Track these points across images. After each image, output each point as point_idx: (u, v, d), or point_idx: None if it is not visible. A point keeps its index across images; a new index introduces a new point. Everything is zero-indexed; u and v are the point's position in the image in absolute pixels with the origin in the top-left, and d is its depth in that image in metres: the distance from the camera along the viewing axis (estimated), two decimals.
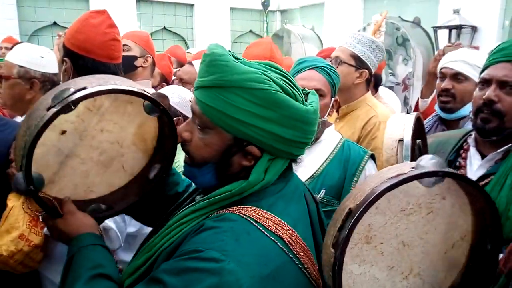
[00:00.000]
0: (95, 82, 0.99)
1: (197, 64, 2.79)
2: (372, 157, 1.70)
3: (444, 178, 0.85)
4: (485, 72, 1.38)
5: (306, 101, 0.96)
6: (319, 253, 0.97)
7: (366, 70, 2.21)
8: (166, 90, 2.14)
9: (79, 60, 1.56)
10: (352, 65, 2.19)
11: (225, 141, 0.91)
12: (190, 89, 2.28)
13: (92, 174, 1.10)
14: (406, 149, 1.23)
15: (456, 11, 4.92)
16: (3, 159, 1.48)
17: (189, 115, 2.06)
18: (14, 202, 1.43)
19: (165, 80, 3.04)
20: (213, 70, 0.88)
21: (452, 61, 2.09)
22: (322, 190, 1.60)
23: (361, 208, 0.79)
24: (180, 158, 2.01)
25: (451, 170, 0.85)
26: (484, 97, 1.34)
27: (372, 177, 0.91)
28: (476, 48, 2.52)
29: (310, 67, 1.67)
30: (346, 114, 2.27)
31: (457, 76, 2.06)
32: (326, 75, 1.66)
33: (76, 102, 0.93)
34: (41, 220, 1.09)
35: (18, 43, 3.13)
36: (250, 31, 9.26)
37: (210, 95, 0.89)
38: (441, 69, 2.14)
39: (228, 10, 8.73)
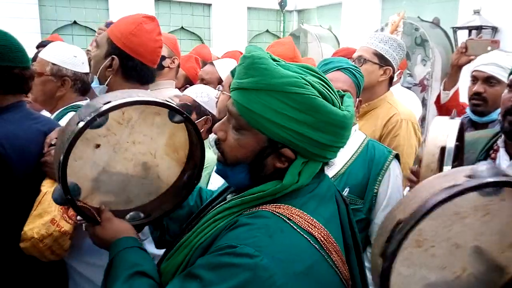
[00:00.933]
0: (119, 95, 1.04)
1: (218, 64, 2.81)
2: (397, 157, 1.70)
3: (503, 188, 0.83)
4: None
5: (341, 103, 0.97)
6: (348, 254, 0.98)
7: (390, 68, 2.23)
8: (195, 89, 2.18)
9: (129, 61, 1.62)
10: (376, 63, 2.22)
11: (260, 142, 0.93)
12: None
13: (130, 185, 1.16)
14: (449, 158, 1.22)
15: (477, 12, 4.87)
16: (39, 148, 1.55)
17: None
18: (48, 188, 1.49)
19: (189, 82, 3.06)
20: (252, 73, 0.90)
21: (484, 64, 2.08)
22: (345, 189, 1.61)
23: (413, 222, 0.78)
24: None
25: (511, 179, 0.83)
26: None
27: (423, 185, 0.88)
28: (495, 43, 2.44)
29: (336, 68, 1.68)
30: (366, 113, 2.29)
31: (489, 80, 2.05)
32: (352, 76, 1.67)
33: (101, 114, 0.98)
34: (84, 229, 1.15)
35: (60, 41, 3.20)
36: (267, 31, 9.28)
37: (248, 97, 0.90)
38: (473, 72, 2.14)
39: (245, 10, 8.76)
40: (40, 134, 1.58)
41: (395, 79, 2.74)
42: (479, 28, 4.78)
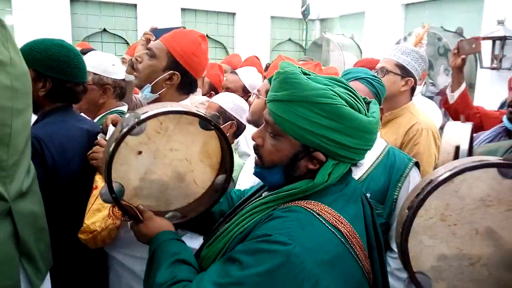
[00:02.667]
0: (155, 107, 1.18)
1: (241, 72, 2.94)
2: (416, 164, 1.76)
3: None
4: None
5: (367, 110, 1.07)
6: (371, 252, 1.07)
7: (412, 78, 2.30)
8: (221, 97, 2.32)
9: (186, 76, 1.75)
10: (397, 74, 2.29)
11: (294, 147, 1.04)
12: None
13: (170, 188, 1.28)
14: (463, 156, 1.30)
15: (501, 22, 4.85)
16: (82, 146, 1.67)
17: (242, 120, 2.24)
18: (102, 182, 1.59)
19: (214, 89, 3.19)
20: (286, 87, 1.01)
21: None
22: (367, 194, 1.67)
23: (440, 179, 0.88)
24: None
25: None
26: None
27: (458, 160, 0.99)
28: None
29: (354, 78, 1.76)
30: (389, 121, 2.35)
31: None
32: (369, 86, 1.74)
33: (140, 123, 1.12)
34: (129, 227, 1.27)
35: (90, 49, 3.37)
36: (289, 39, 9.38)
37: (282, 107, 1.02)
38: None
39: (269, 18, 8.89)
40: (83, 132, 1.70)
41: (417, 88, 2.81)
42: (503, 39, 4.76)
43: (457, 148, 1.28)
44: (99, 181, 1.61)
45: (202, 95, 2.84)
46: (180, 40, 1.76)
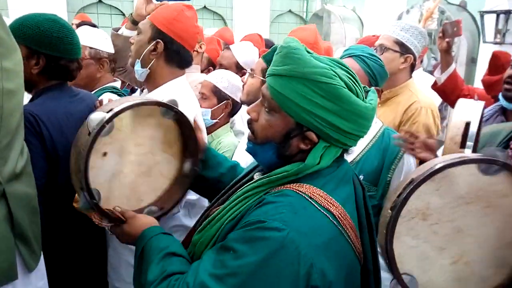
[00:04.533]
0: (117, 103, 1.15)
1: (234, 48, 2.87)
2: None
3: (501, 169, 0.90)
4: None
5: (366, 97, 1.05)
6: (362, 233, 1.07)
7: (411, 55, 2.26)
8: (215, 75, 2.28)
9: (172, 45, 1.71)
10: (396, 51, 2.25)
11: (288, 124, 1.02)
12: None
13: (138, 185, 1.27)
14: (472, 134, 1.28)
15: None
16: (80, 121, 1.64)
17: (237, 98, 2.21)
18: None
19: (212, 64, 3.13)
20: (287, 62, 0.99)
21: None
22: (360, 176, 1.65)
23: (421, 178, 0.88)
24: (223, 139, 2.15)
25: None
26: None
27: (438, 157, 0.99)
28: None
29: (348, 55, 1.71)
30: (388, 99, 2.33)
31: None
32: (362, 64, 1.68)
33: (108, 121, 1.09)
34: (110, 233, 1.26)
35: (90, 22, 3.30)
36: (290, 11, 9.18)
37: (281, 82, 1.00)
38: None
39: None
40: (82, 108, 1.68)
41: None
42: (507, 13, 4.66)
43: (467, 124, 1.26)
44: None
45: (201, 71, 2.79)
46: (163, 10, 1.75)
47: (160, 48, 1.70)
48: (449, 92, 2.77)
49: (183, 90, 1.77)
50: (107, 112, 1.12)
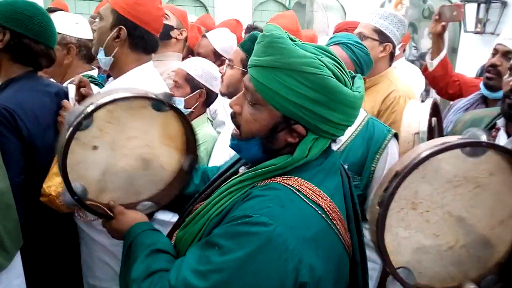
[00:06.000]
0: (99, 96, 1.10)
1: (211, 36, 2.80)
2: (396, 136, 1.72)
3: (486, 149, 0.88)
4: None
5: (352, 84, 1.01)
6: (349, 223, 1.04)
7: (390, 44, 2.23)
8: (189, 63, 2.20)
9: (136, 30, 1.64)
10: (375, 39, 2.21)
11: (274, 118, 0.98)
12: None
13: (136, 178, 1.23)
14: (423, 141, 1.27)
15: None
16: (52, 111, 1.62)
17: (212, 88, 2.14)
18: None
19: (192, 53, 3.06)
20: (271, 51, 0.94)
21: (508, 38, 2.04)
22: (345, 165, 1.64)
23: (406, 170, 0.85)
24: (199, 130, 2.08)
25: (496, 143, 0.89)
26: (511, 83, 1.35)
27: (420, 145, 0.95)
28: None
29: (335, 43, 1.69)
30: (367, 89, 2.29)
31: (507, 54, 2.01)
32: (349, 52, 1.66)
33: (86, 116, 1.04)
34: (101, 226, 1.23)
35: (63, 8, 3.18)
36: None
37: (265, 74, 0.95)
38: (496, 45, 2.10)
39: None
40: (52, 98, 1.63)
41: (397, 53, 2.74)
42: (488, 2, 4.68)
43: (417, 135, 1.25)
44: None
45: (182, 59, 2.70)
46: None
47: (124, 34, 1.63)
48: (440, 79, 2.72)
49: (149, 77, 1.71)
50: (87, 107, 1.06)
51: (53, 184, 1.50)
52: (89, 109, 1.05)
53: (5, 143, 1.40)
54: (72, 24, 2.04)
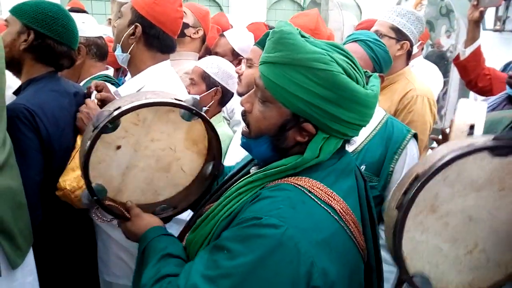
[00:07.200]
0: (129, 100, 1.11)
1: (229, 35, 2.77)
2: (415, 136, 1.69)
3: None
4: None
5: (367, 83, 0.98)
6: (364, 227, 1.02)
7: (407, 42, 2.19)
8: (205, 61, 2.20)
9: (151, 29, 1.67)
10: (392, 38, 2.18)
11: (283, 116, 0.96)
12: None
13: (155, 180, 1.24)
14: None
15: None
16: (71, 111, 1.63)
17: (227, 86, 2.13)
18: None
19: (210, 53, 3.04)
20: (280, 48, 0.92)
21: None
22: (362, 166, 1.62)
23: (429, 173, 0.81)
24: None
25: None
26: None
27: (442, 146, 0.91)
28: None
29: (353, 40, 1.67)
30: (384, 88, 2.26)
31: None
32: (367, 49, 1.64)
33: (112, 120, 1.06)
34: (117, 226, 1.24)
35: (81, 8, 3.19)
36: None
37: (274, 71, 0.93)
38: None
39: None
40: (71, 99, 1.65)
41: (415, 51, 2.69)
42: (508, 0, 4.58)
43: (472, 127, 1.20)
44: (79, 141, 1.57)
45: (198, 59, 2.70)
46: None
47: (138, 32, 1.65)
48: (471, 69, 2.61)
49: (166, 76, 1.72)
50: (114, 110, 1.08)
51: (68, 178, 1.52)
52: (115, 113, 1.06)
53: (26, 142, 1.42)
54: (79, 24, 2.05)
